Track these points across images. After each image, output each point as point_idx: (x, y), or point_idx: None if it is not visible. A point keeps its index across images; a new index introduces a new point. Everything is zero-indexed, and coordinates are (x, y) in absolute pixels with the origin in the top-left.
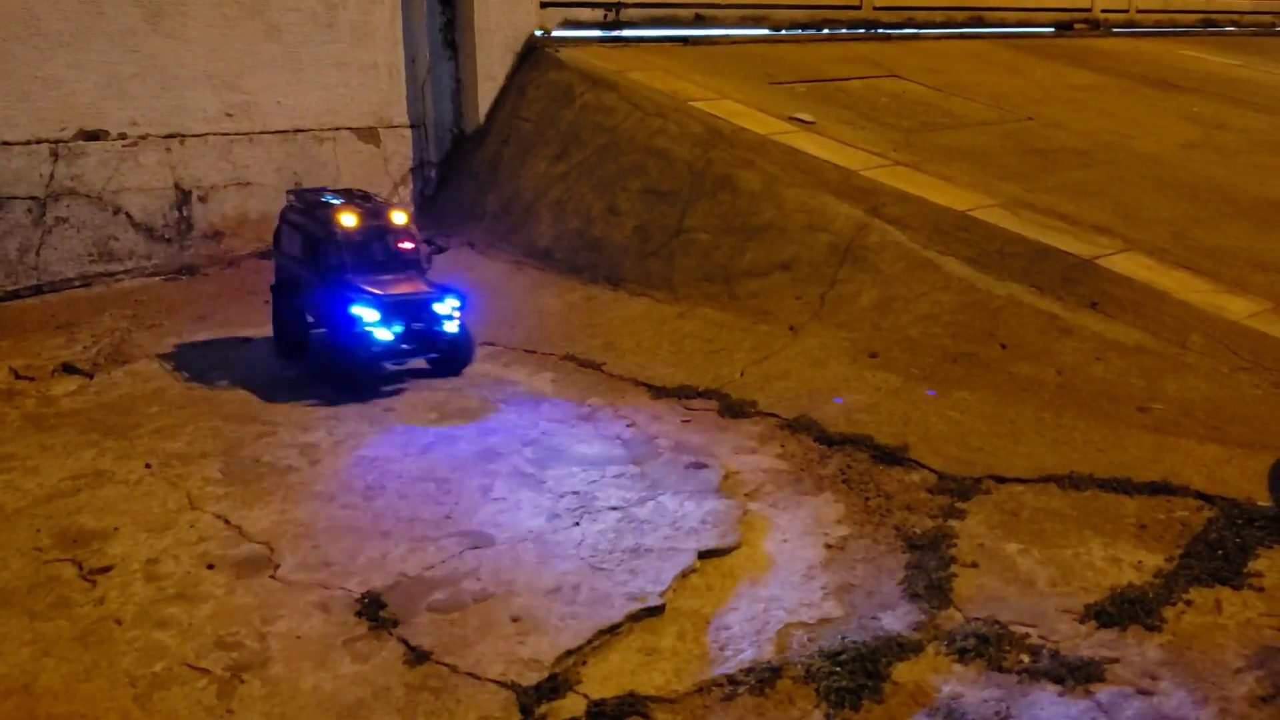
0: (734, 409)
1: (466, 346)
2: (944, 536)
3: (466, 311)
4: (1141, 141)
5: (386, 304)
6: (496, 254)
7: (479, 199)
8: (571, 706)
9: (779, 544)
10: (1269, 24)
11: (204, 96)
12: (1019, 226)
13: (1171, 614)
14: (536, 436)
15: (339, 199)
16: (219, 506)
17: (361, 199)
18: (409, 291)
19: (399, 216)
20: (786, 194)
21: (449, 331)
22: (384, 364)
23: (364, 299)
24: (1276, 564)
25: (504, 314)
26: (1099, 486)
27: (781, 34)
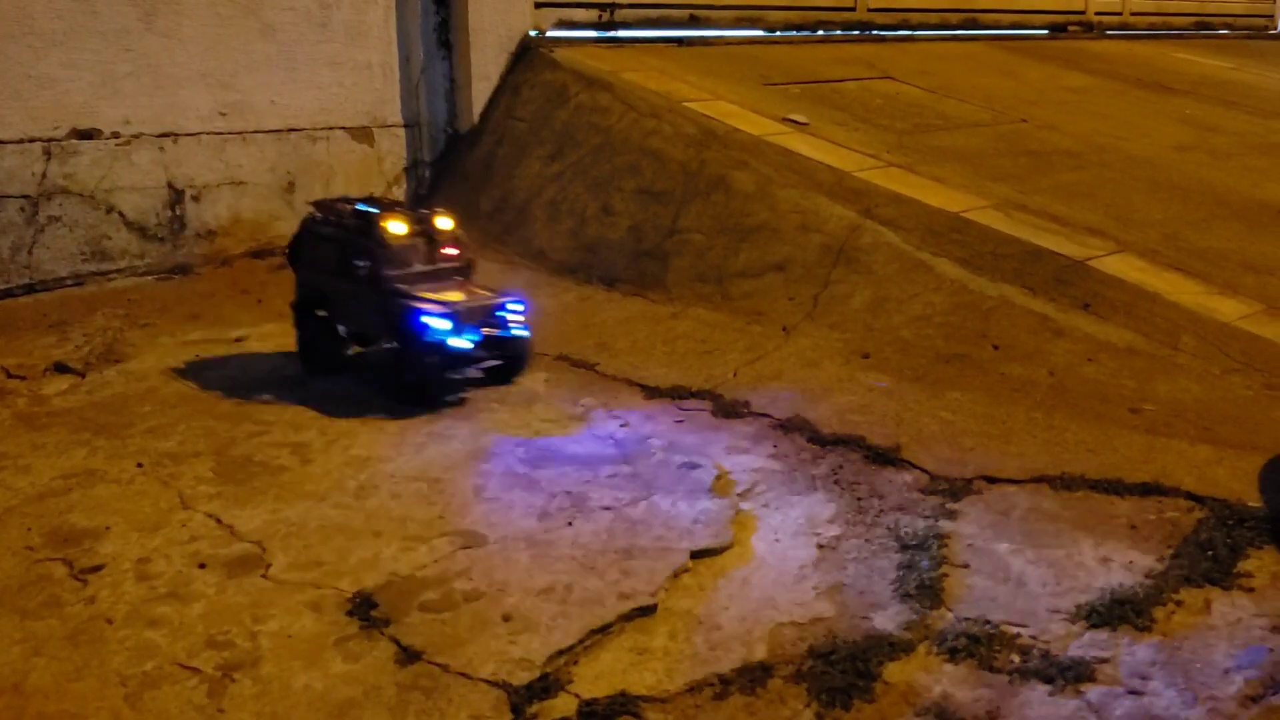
0: (727, 409)
1: (527, 352)
2: (936, 536)
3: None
4: (1134, 143)
5: (459, 312)
6: (490, 254)
7: (473, 199)
8: (563, 706)
9: (771, 544)
10: (1262, 27)
11: (198, 95)
12: (1011, 228)
13: (1162, 614)
14: (529, 436)
15: (375, 207)
16: (211, 506)
17: (402, 207)
18: (476, 298)
19: (445, 222)
20: (780, 195)
21: (519, 337)
22: (452, 373)
23: (436, 308)
24: (1266, 565)
25: None
26: (1090, 487)
27: (776, 35)
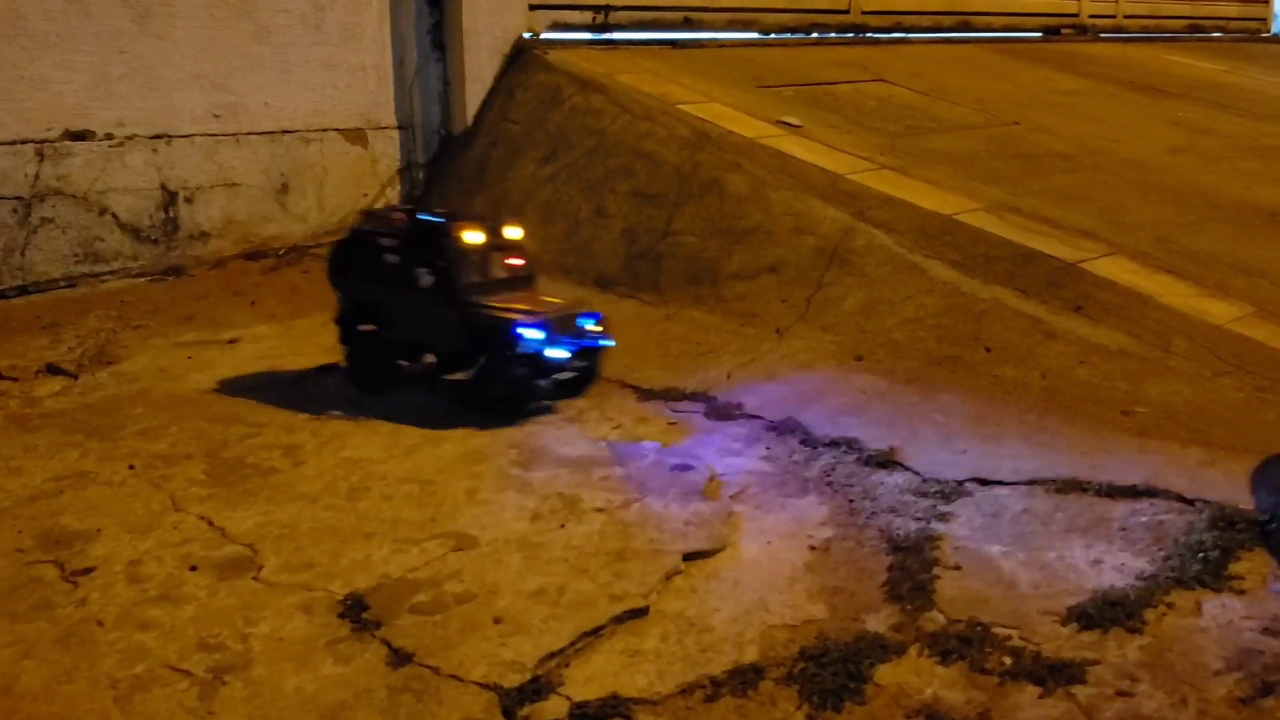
0: (720, 411)
1: (599, 363)
2: (927, 539)
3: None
4: (1127, 146)
5: (551, 323)
6: None
7: (466, 201)
8: (554, 708)
9: (763, 546)
10: (1256, 30)
11: (191, 97)
12: (1004, 230)
13: (1153, 616)
14: (522, 438)
15: (438, 217)
16: (202, 508)
17: (466, 216)
18: (558, 308)
19: (514, 231)
20: (773, 197)
21: (601, 347)
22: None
23: (530, 318)
24: (1257, 567)
25: None
26: (1082, 489)
27: (770, 38)
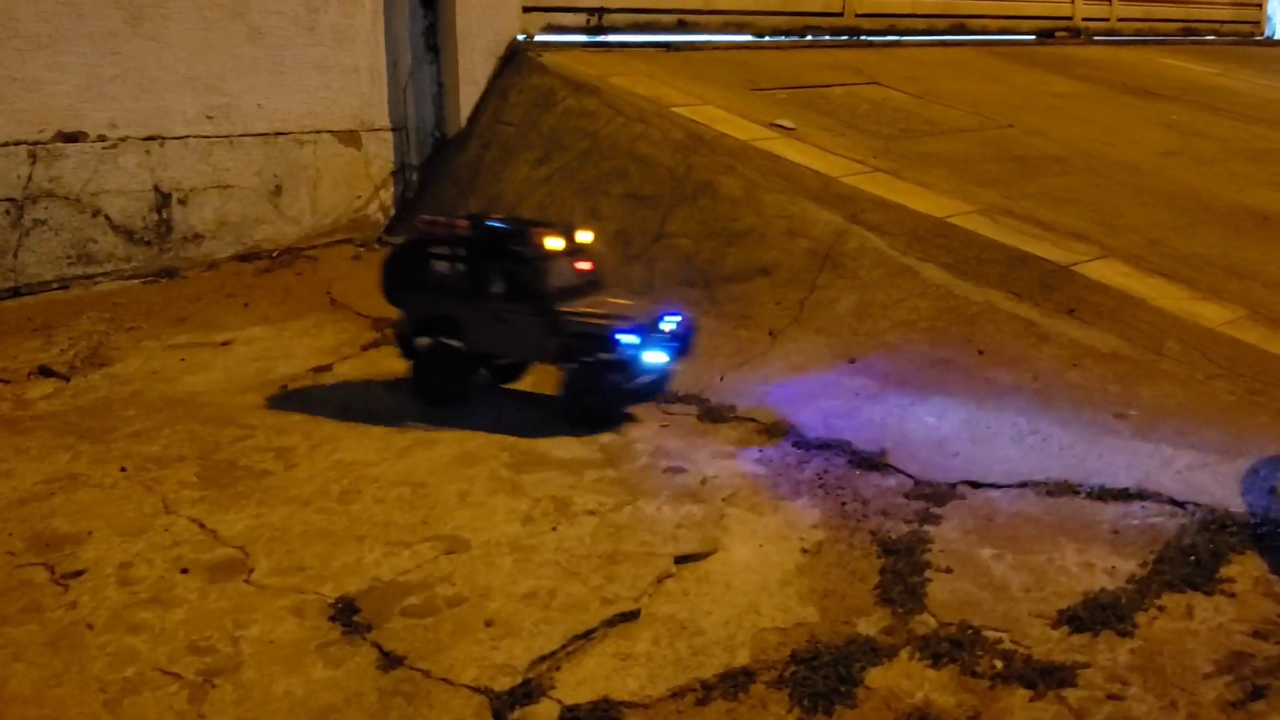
0: (713, 413)
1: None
2: (919, 542)
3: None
4: (1120, 149)
5: (644, 326)
6: None
7: (460, 203)
8: (545, 712)
9: (755, 549)
10: (1249, 33)
11: (184, 99)
12: (997, 233)
13: (1144, 619)
14: (514, 441)
15: (509, 224)
16: (194, 510)
17: (534, 222)
18: (643, 310)
19: (586, 235)
20: (767, 200)
21: (683, 348)
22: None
23: (626, 323)
24: (1248, 569)
25: None
26: (1074, 492)
27: (764, 40)
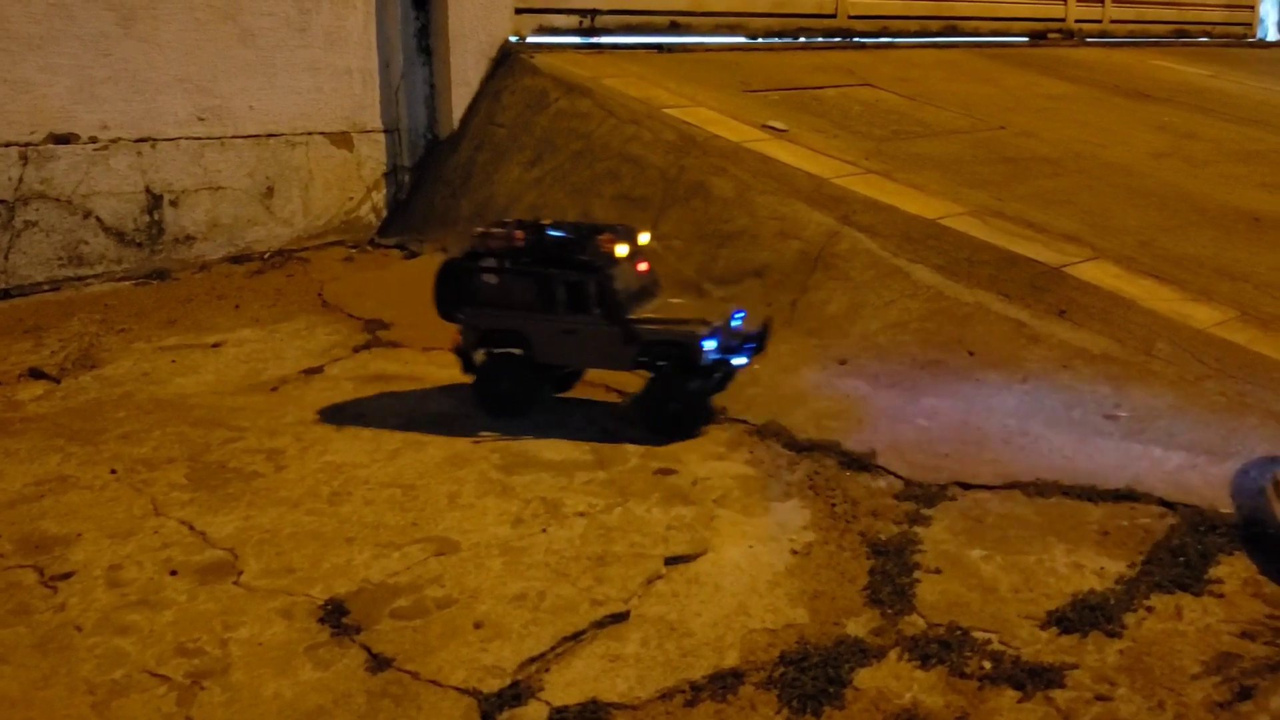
0: None
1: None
2: (909, 543)
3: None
4: (1112, 150)
5: (720, 331)
6: None
7: (452, 204)
8: (533, 713)
9: (745, 550)
10: (1241, 35)
11: (176, 100)
12: (988, 234)
13: (1132, 620)
14: (505, 442)
15: (567, 231)
16: (184, 512)
17: (596, 227)
18: (721, 311)
19: (644, 236)
20: (759, 201)
21: (763, 346)
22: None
23: (706, 329)
24: (1237, 571)
25: None
26: (1064, 493)
27: (757, 42)
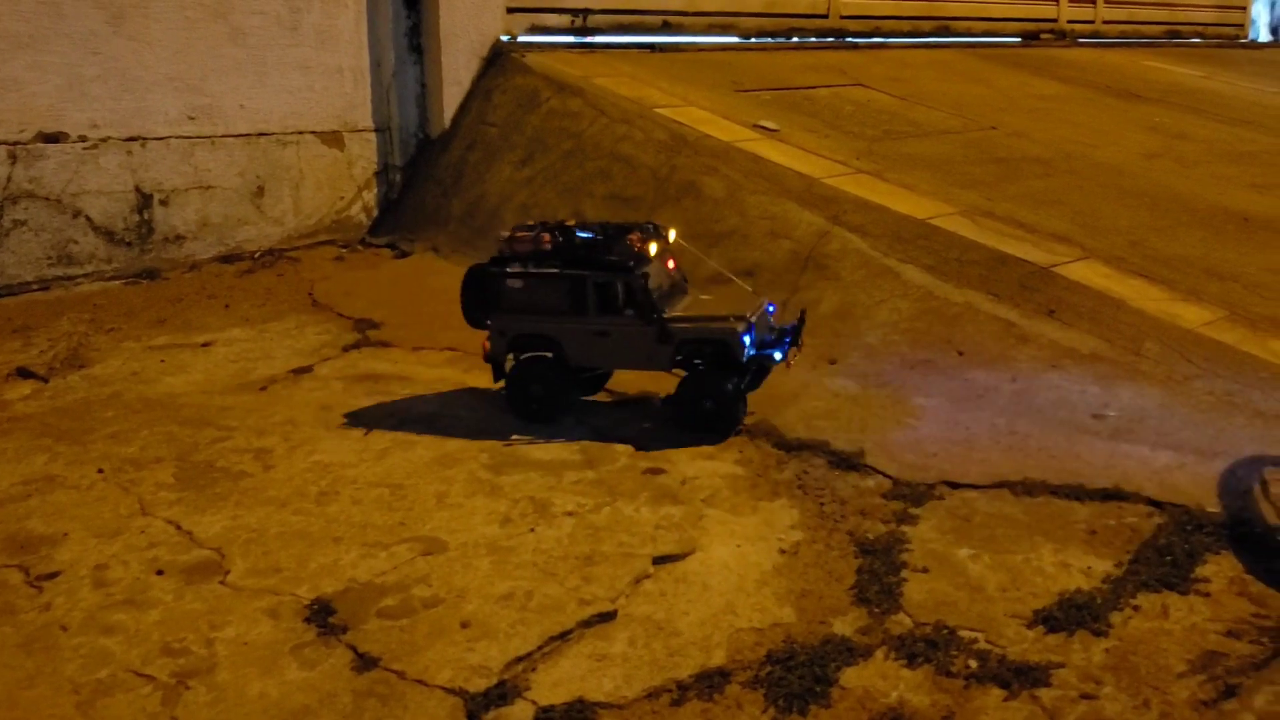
0: None
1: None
2: (896, 542)
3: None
4: (1103, 151)
5: (754, 325)
6: (461, 259)
7: (443, 203)
8: (519, 713)
9: (733, 549)
10: (1233, 35)
11: (166, 99)
12: (978, 234)
13: (1119, 619)
14: (494, 442)
15: (594, 234)
16: (171, 512)
17: (624, 227)
18: (754, 305)
19: (671, 233)
20: (750, 201)
21: (798, 339)
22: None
23: (743, 325)
24: (1223, 570)
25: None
26: (1051, 492)
27: (749, 41)
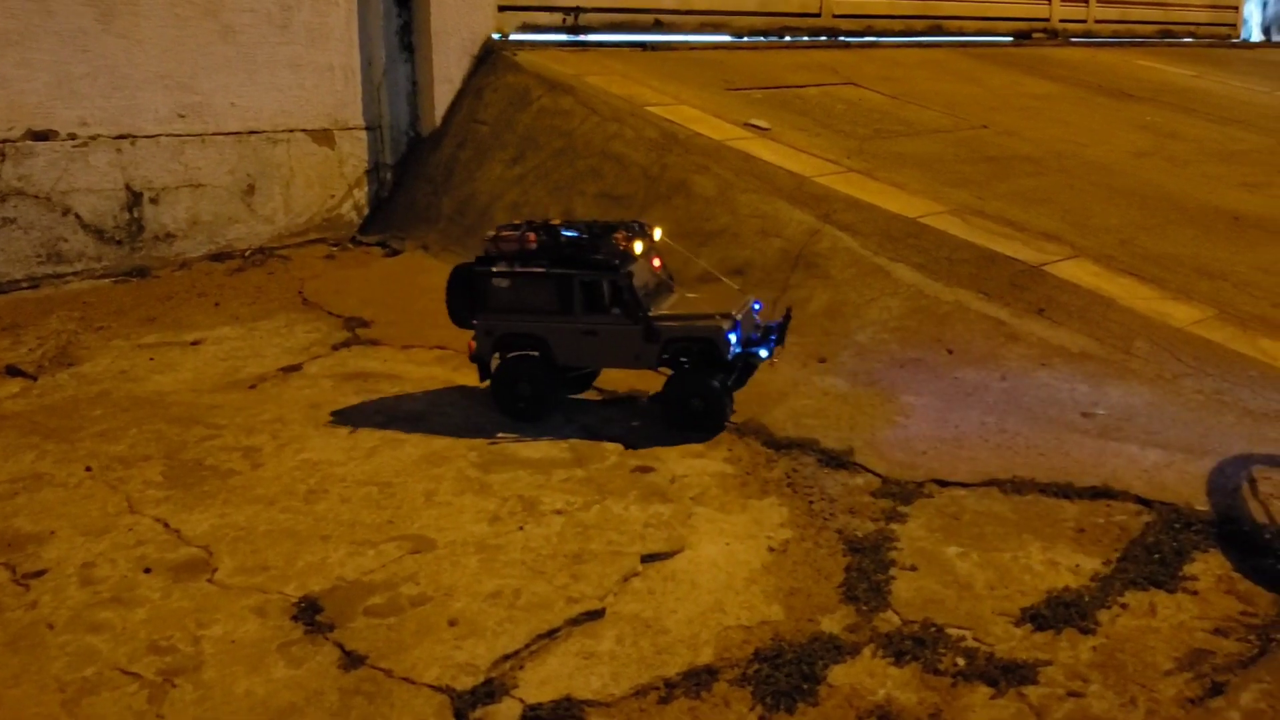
0: None
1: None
2: (885, 540)
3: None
4: (1094, 150)
5: (740, 323)
6: (451, 257)
7: (434, 201)
8: (507, 711)
9: (722, 547)
10: (1225, 35)
11: (156, 97)
12: (968, 233)
13: (1106, 617)
14: (483, 440)
15: (579, 232)
16: (159, 510)
17: (610, 225)
18: (740, 303)
19: (658, 232)
20: (740, 199)
21: (783, 337)
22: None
23: (729, 323)
24: (1211, 568)
25: None
26: (1040, 491)
27: (741, 40)
